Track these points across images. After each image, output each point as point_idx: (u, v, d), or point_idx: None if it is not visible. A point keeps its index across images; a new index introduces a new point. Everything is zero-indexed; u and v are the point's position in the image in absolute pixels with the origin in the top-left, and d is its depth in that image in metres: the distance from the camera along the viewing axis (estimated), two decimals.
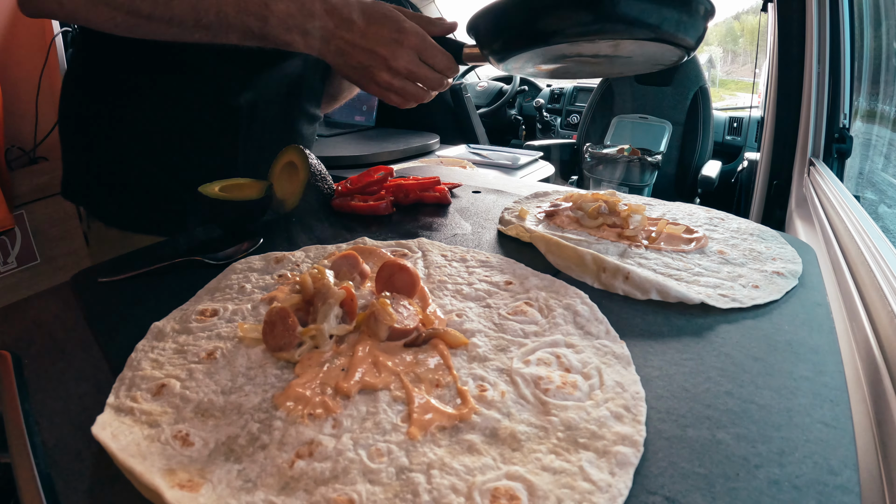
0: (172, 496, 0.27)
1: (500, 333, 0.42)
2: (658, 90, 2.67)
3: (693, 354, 0.41)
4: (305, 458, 0.30)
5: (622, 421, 0.32)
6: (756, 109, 2.54)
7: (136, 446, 0.30)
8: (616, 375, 0.36)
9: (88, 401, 0.36)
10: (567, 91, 3.39)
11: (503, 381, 0.36)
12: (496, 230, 0.67)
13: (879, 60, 1.36)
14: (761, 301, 0.48)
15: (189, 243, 0.65)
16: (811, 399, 0.35)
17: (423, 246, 0.59)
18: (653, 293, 0.49)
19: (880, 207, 1.20)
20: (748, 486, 0.28)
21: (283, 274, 0.53)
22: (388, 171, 0.81)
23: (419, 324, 0.42)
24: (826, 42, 1.40)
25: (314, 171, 0.71)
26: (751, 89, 2.45)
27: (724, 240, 0.63)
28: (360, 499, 0.27)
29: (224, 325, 0.43)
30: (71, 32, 1.31)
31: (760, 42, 2.14)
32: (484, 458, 0.30)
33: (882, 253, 0.67)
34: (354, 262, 0.49)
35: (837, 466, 0.30)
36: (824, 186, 1.17)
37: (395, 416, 0.33)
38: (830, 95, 1.44)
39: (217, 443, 0.31)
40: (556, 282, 0.50)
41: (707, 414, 0.34)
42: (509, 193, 0.85)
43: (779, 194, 1.56)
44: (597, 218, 0.65)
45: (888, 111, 1.32)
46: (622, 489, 0.28)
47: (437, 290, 0.49)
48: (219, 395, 0.35)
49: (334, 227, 0.70)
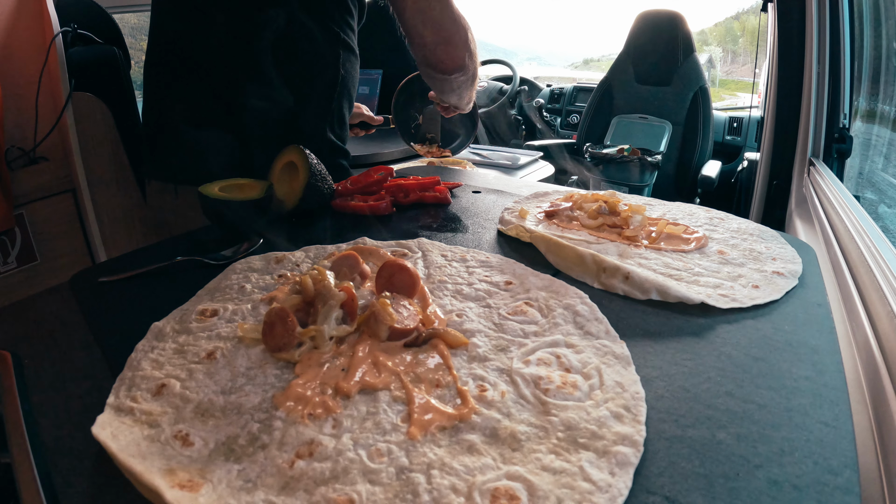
0: (172, 496, 0.27)
1: (500, 333, 0.42)
2: (658, 90, 2.66)
3: (693, 354, 0.41)
4: (305, 458, 0.30)
5: (622, 421, 0.32)
6: (756, 109, 2.53)
7: (136, 446, 0.30)
8: (616, 375, 0.36)
9: (88, 401, 0.36)
10: (567, 91, 3.39)
11: (503, 381, 0.36)
12: (496, 230, 0.67)
13: (879, 60, 1.36)
14: (761, 301, 0.48)
15: (189, 243, 0.65)
16: (811, 399, 0.35)
17: (423, 246, 0.59)
18: (653, 293, 0.49)
19: (880, 207, 1.20)
20: (748, 486, 0.28)
21: (283, 274, 0.53)
22: (388, 171, 0.81)
23: (419, 324, 0.42)
24: (826, 42, 1.40)
25: (314, 171, 0.71)
26: (751, 89, 2.45)
27: (724, 240, 0.63)
28: (360, 499, 0.27)
29: (224, 325, 0.43)
30: (71, 32, 1.30)
31: (760, 42, 2.14)
32: (484, 458, 0.30)
33: (882, 253, 0.67)
34: (354, 263, 0.49)
35: (837, 466, 0.30)
36: (824, 186, 1.16)
37: (395, 416, 0.33)
38: (830, 95, 1.44)
39: (217, 443, 0.31)
40: (556, 282, 0.50)
41: (707, 414, 0.34)
42: (509, 193, 0.85)
43: (779, 194, 1.56)
44: (597, 218, 0.65)
45: (888, 111, 1.32)
46: (622, 489, 0.27)
47: (437, 290, 0.49)
48: (219, 395, 0.35)
49: (334, 227, 0.70)
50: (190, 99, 0.79)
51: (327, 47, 0.81)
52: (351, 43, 0.84)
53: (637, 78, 2.74)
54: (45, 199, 1.28)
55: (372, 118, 1.19)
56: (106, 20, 1.45)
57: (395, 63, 1.65)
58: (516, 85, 3.07)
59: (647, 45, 2.67)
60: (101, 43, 1.38)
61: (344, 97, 0.86)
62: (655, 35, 2.64)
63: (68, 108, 1.26)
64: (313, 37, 0.79)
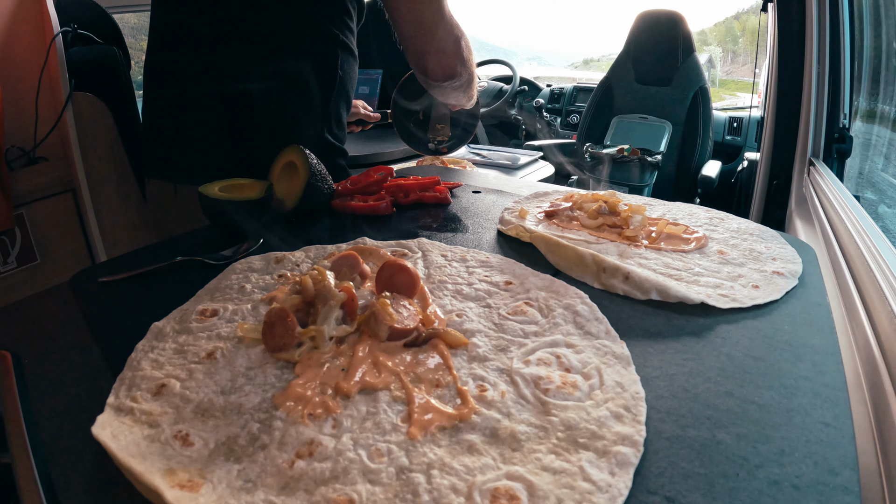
0: (172, 496, 0.27)
1: (500, 333, 0.42)
2: (658, 90, 2.66)
3: (693, 354, 0.41)
4: (305, 458, 0.30)
5: (622, 421, 0.32)
6: (756, 109, 2.53)
7: (136, 446, 0.30)
8: (616, 375, 0.36)
9: (88, 401, 0.36)
10: (567, 91, 3.39)
11: (503, 381, 0.36)
12: (496, 230, 0.67)
13: (879, 60, 1.36)
14: (761, 301, 0.48)
15: (189, 243, 0.65)
16: (811, 399, 0.35)
17: (423, 246, 0.59)
18: (653, 293, 0.49)
19: (880, 207, 1.20)
20: (748, 486, 0.28)
21: (283, 274, 0.53)
22: (388, 171, 0.81)
23: (419, 324, 0.42)
24: (826, 42, 1.40)
25: (314, 171, 0.71)
26: (751, 89, 2.45)
27: (724, 240, 0.63)
28: (360, 499, 0.27)
29: (224, 325, 0.43)
30: (71, 32, 1.30)
31: (760, 42, 2.14)
32: (484, 458, 0.30)
33: (882, 253, 0.67)
34: (354, 263, 0.49)
35: (837, 466, 0.30)
36: (824, 186, 1.16)
37: (395, 416, 0.33)
38: (830, 95, 1.44)
39: (217, 443, 0.31)
40: (556, 282, 0.50)
41: (707, 414, 0.34)
42: (509, 193, 0.85)
43: (779, 194, 1.56)
44: (597, 218, 0.65)
45: (888, 111, 1.32)
46: (622, 489, 0.27)
47: (437, 290, 0.49)
48: (219, 395, 0.35)
49: (334, 227, 0.70)
50: (190, 98, 0.80)
51: (325, 48, 0.81)
52: (349, 44, 0.84)
53: (637, 78, 2.74)
54: (45, 199, 1.28)
55: (369, 115, 1.19)
56: (106, 20, 1.45)
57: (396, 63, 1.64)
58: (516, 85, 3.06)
59: (647, 45, 2.67)
60: (101, 43, 1.38)
61: (341, 98, 0.86)
62: (655, 35, 2.64)
63: (68, 108, 1.26)
64: (311, 38, 0.79)
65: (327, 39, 0.81)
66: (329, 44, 0.81)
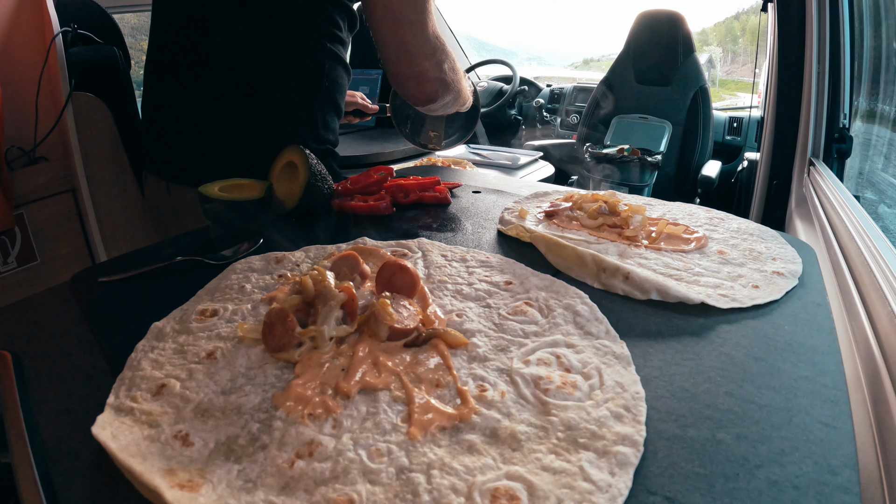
0: (172, 496, 0.27)
1: (500, 333, 0.42)
2: (658, 90, 2.66)
3: (693, 354, 0.41)
4: (305, 458, 0.30)
5: (622, 421, 0.32)
6: (756, 109, 2.53)
7: (136, 446, 0.30)
8: (616, 375, 0.36)
9: (88, 401, 0.36)
10: (567, 91, 3.39)
11: (503, 381, 0.36)
12: (496, 230, 0.67)
13: (879, 60, 1.36)
14: (761, 301, 0.48)
15: (189, 243, 0.65)
16: (811, 399, 0.35)
17: (423, 246, 0.59)
18: (653, 293, 0.49)
19: (880, 207, 1.20)
20: (748, 486, 0.28)
21: (283, 274, 0.53)
22: (388, 171, 0.81)
23: (419, 324, 0.42)
24: (826, 42, 1.40)
25: (314, 171, 0.71)
26: (751, 89, 2.45)
27: (724, 240, 0.63)
28: (360, 499, 0.27)
29: (224, 325, 0.43)
30: (71, 32, 1.30)
31: (760, 42, 2.14)
32: (484, 458, 0.30)
33: (882, 253, 0.67)
34: (354, 263, 0.49)
35: (837, 466, 0.30)
36: (824, 186, 1.16)
37: (395, 416, 0.33)
38: (830, 95, 1.44)
39: (217, 443, 0.31)
40: (556, 282, 0.50)
41: (707, 414, 0.34)
42: (509, 193, 0.85)
43: (779, 194, 1.56)
44: (597, 218, 0.65)
45: (888, 111, 1.32)
46: (622, 489, 0.28)
47: (437, 290, 0.49)
48: (219, 396, 0.35)
49: (334, 227, 0.70)
50: (188, 98, 0.80)
51: (310, 58, 0.81)
52: (338, 53, 0.84)
53: (637, 78, 2.74)
54: (45, 199, 1.28)
55: (367, 106, 1.18)
56: (106, 20, 1.45)
57: None
58: (516, 85, 3.06)
59: (647, 45, 2.67)
60: (101, 43, 1.38)
61: (328, 106, 0.86)
62: (655, 35, 2.64)
63: (68, 108, 1.26)
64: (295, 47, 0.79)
65: (314, 50, 0.81)
66: (316, 53, 0.81)
